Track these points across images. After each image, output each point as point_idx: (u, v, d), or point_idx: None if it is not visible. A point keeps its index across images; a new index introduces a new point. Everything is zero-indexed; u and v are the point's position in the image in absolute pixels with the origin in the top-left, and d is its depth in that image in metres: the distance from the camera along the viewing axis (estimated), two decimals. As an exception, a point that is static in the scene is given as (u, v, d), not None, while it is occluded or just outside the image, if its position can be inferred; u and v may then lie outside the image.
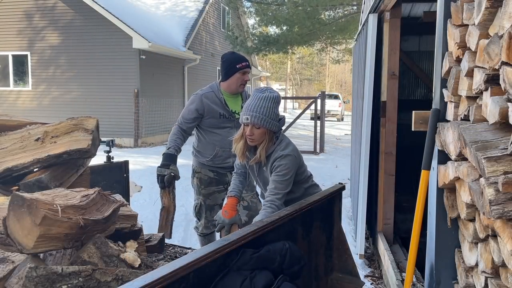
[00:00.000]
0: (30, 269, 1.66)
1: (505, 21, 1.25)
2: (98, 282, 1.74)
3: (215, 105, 3.23)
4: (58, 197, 2.05)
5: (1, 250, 2.04)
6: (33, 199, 1.85)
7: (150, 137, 13.68)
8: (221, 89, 3.28)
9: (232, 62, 3.22)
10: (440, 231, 1.91)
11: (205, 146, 3.32)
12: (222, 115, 3.24)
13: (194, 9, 17.68)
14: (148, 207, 6.00)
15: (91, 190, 2.21)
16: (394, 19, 3.96)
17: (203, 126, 3.29)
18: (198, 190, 3.42)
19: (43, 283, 1.66)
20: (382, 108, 4.06)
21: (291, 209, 2.09)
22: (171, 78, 15.14)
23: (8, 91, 14.18)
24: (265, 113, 2.43)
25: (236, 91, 3.29)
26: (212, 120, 3.25)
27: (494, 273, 1.47)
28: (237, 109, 3.30)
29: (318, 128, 12.00)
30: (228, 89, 3.27)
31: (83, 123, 3.03)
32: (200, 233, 3.52)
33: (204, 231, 3.50)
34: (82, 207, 2.01)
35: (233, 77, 3.22)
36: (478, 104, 1.55)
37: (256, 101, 2.44)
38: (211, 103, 3.23)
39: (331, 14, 14.12)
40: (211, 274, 1.52)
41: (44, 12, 13.61)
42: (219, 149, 3.28)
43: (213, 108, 3.22)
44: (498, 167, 1.27)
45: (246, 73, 3.24)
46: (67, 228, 1.90)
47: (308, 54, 41.15)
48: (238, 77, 3.22)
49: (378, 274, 3.86)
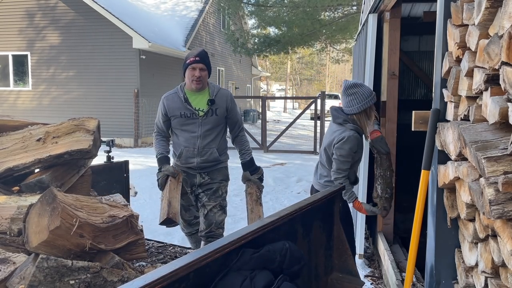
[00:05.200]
0: (42, 259, 1.67)
1: (505, 21, 1.26)
2: (105, 281, 1.75)
3: (175, 106, 3.20)
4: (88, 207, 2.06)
5: (2, 251, 2.04)
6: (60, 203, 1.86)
7: (150, 137, 13.67)
8: (184, 88, 3.25)
9: (186, 59, 3.19)
10: (440, 231, 1.91)
11: (175, 146, 3.32)
12: (183, 115, 3.18)
13: (194, 9, 17.70)
14: (148, 207, 6.01)
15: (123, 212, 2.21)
16: (394, 19, 3.96)
17: (172, 127, 3.29)
18: None
19: (52, 275, 1.67)
20: (382, 108, 4.06)
21: (291, 209, 2.09)
22: (171, 78, 15.14)
23: (8, 91, 14.19)
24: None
25: (191, 89, 3.21)
26: (175, 120, 3.22)
27: (494, 273, 1.47)
28: (201, 106, 3.20)
29: (318, 128, 12.01)
30: (188, 86, 3.23)
31: (84, 123, 3.03)
32: (185, 232, 3.57)
33: (186, 230, 3.55)
34: (100, 228, 2.01)
35: (186, 74, 3.18)
36: (478, 104, 1.55)
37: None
38: (171, 104, 3.21)
39: (331, 15, 14.11)
40: (211, 274, 1.52)
41: (44, 12, 13.61)
42: (183, 148, 3.23)
43: (173, 109, 3.20)
44: (498, 167, 1.27)
45: (196, 68, 3.12)
46: (73, 244, 1.91)
47: (308, 54, 41.11)
48: (189, 72, 3.16)
49: (378, 274, 3.86)
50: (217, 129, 3.24)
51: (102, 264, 1.95)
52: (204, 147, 3.20)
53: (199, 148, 3.19)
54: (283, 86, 47.60)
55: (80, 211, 1.99)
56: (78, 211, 1.98)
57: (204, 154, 3.21)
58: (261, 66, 30.98)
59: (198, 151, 3.19)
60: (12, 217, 2.23)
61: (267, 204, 6.28)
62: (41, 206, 1.89)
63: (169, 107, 3.22)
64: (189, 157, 3.22)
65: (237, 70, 23.11)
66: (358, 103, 2.85)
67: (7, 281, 1.82)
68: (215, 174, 3.29)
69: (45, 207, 1.87)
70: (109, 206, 2.27)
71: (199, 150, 3.19)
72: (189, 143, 3.19)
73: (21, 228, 2.14)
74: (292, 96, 44.88)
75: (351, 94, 2.87)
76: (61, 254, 1.93)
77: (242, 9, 15.24)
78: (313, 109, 12.48)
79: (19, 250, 2.13)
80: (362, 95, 2.85)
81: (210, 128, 3.20)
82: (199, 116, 3.17)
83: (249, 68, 25.42)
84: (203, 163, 3.23)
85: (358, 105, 2.86)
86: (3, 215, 2.24)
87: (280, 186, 7.50)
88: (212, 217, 3.25)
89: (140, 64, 13.13)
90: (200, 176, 3.27)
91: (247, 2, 14.27)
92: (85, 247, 1.94)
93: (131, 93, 13.09)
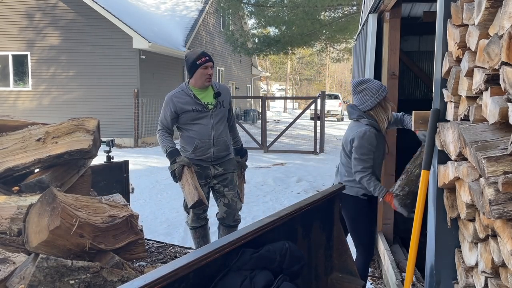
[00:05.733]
0: (42, 259, 1.67)
1: (505, 21, 1.26)
2: (105, 280, 1.75)
3: (185, 103, 3.37)
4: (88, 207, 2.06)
5: (2, 251, 2.04)
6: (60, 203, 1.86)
7: (150, 137, 13.68)
8: (190, 86, 3.43)
9: (194, 60, 3.36)
10: (440, 231, 1.91)
11: (186, 141, 3.45)
12: (195, 110, 3.37)
13: (194, 9, 17.69)
14: (148, 207, 6.01)
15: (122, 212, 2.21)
16: (394, 19, 3.96)
17: (180, 123, 3.44)
18: None
19: (52, 275, 1.67)
20: (382, 108, 4.06)
21: (291, 209, 2.09)
22: (171, 78, 15.14)
23: (8, 91, 14.18)
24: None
25: (202, 86, 3.42)
26: (186, 116, 3.38)
27: (494, 273, 1.47)
28: (209, 100, 3.43)
29: (318, 128, 12.01)
30: (196, 85, 3.42)
31: (84, 123, 3.03)
32: (192, 226, 3.60)
33: (193, 225, 3.58)
34: (100, 228, 2.02)
35: (196, 73, 3.37)
36: (478, 104, 1.55)
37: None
38: (181, 101, 3.37)
39: (331, 15, 14.11)
40: (211, 274, 1.52)
41: (44, 12, 13.61)
42: (199, 141, 3.38)
43: (183, 106, 3.36)
44: (498, 167, 1.27)
45: (208, 67, 3.36)
46: (73, 244, 1.91)
47: (308, 54, 41.15)
48: (201, 72, 3.36)
49: (378, 274, 3.86)
50: (224, 120, 3.51)
51: (102, 264, 1.95)
52: (217, 138, 3.43)
53: (213, 139, 3.41)
54: (283, 86, 47.60)
55: (80, 211, 1.99)
56: (78, 211, 1.97)
57: (218, 144, 3.43)
58: (261, 66, 30.98)
59: (213, 142, 3.41)
60: (12, 217, 2.23)
61: (267, 204, 6.29)
62: (41, 206, 1.89)
63: (179, 104, 3.37)
64: (206, 149, 3.40)
65: (237, 70, 23.12)
66: (370, 98, 2.84)
67: (7, 281, 1.82)
68: (227, 164, 3.53)
69: (45, 207, 1.87)
70: (109, 206, 2.27)
71: (214, 141, 3.41)
72: (204, 136, 3.38)
73: (21, 228, 2.14)
74: (292, 96, 44.89)
75: (361, 91, 2.86)
76: (61, 254, 1.93)
77: (242, 9, 15.23)
78: (313, 109, 12.47)
79: (19, 250, 2.13)
80: (372, 89, 2.84)
81: (219, 120, 3.45)
82: (209, 110, 3.39)
83: (249, 68, 25.43)
84: (218, 153, 3.45)
85: (370, 100, 2.84)
86: (3, 215, 2.24)
87: (280, 186, 7.50)
88: (234, 206, 3.50)
89: (140, 64, 13.13)
90: (213, 167, 3.47)
91: (247, 2, 14.27)
92: (85, 247, 1.94)
93: (131, 93, 13.09)
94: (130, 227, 2.24)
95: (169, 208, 5.97)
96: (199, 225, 3.58)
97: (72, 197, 2.09)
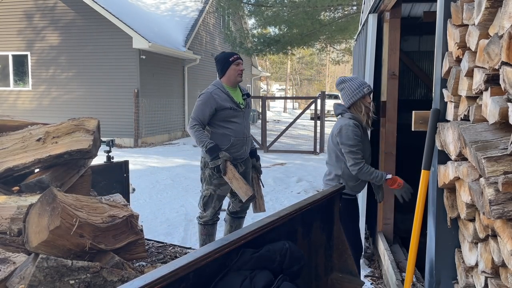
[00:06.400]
0: (42, 259, 1.67)
1: (505, 21, 1.26)
2: (105, 280, 1.75)
3: (224, 100, 3.52)
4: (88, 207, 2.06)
5: (2, 251, 2.04)
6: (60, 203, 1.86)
7: (150, 137, 13.68)
8: (223, 84, 3.59)
9: (225, 58, 3.61)
10: (440, 231, 1.91)
11: (219, 138, 3.53)
12: (231, 108, 3.53)
13: (194, 9, 17.68)
14: (148, 207, 6.00)
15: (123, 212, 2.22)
16: (394, 19, 3.96)
17: (215, 120, 3.55)
18: (210, 181, 3.57)
19: (52, 275, 1.67)
20: (382, 108, 4.06)
21: (291, 209, 2.09)
22: (171, 78, 15.14)
23: (8, 91, 14.18)
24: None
25: (235, 81, 3.62)
26: (223, 113, 3.51)
27: (494, 273, 1.47)
28: (240, 100, 3.63)
29: (318, 128, 12.01)
30: (229, 82, 3.60)
31: (84, 123, 3.03)
32: (204, 222, 3.65)
33: (206, 220, 3.65)
34: (100, 228, 2.02)
35: (229, 70, 3.58)
36: (478, 104, 1.55)
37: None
38: (220, 98, 3.52)
39: (331, 15, 14.10)
40: (211, 274, 1.52)
41: (44, 12, 13.61)
42: (235, 139, 3.53)
43: (222, 103, 3.51)
44: (498, 167, 1.27)
45: (240, 63, 3.61)
46: (73, 244, 1.91)
47: (308, 54, 41.11)
48: (234, 68, 3.58)
49: (378, 274, 3.86)
50: (249, 120, 3.75)
51: (102, 264, 1.95)
52: (249, 137, 3.68)
53: (247, 138, 3.63)
54: (283, 86, 47.59)
55: (80, 211, 1.99)
56: (78, 211, 1.97)
57: (249, 143, 3.69)
58: (261, 66, 30.98)
59: (246, 140, 3.61)
60: (12, 217, 2.23)
61: (267, 204, 6.26)
62: (41, 206, 1.89)
63: (219, 100, 3.51)
64: (240, 146, 3.57)
65: (237, 70, 23.05)
66: (347, 97, 3.06)
67: (7, 281, 1.82)
68: (247, 163, 3.74)
69: (45, 207, 1.87)
70: (109, 206, 2.27)
71: (247, 140, 3.61)
72: (239, 134, 3.56)
73: (21, 228, 2.14)
74: (292, 96, 44.86)
75: (341, 90, 3.12)
76: (61, 254, 1.93)
77: (242, 9, 15.22)
78: (313, 109, 12.47)
79: (19, 250, 2.13)
80: (349, 89, 3.05)
81: (247, 119, 3.69)
82: (242, 109, 3.61)
83: (249, 68, 25.41)
84: (247, 152, 3.68)
85: (347, 99, 3.06)
86: (3, 215, 2.24)
87: (280, 186, 7.50)
88: (248, 203, 3.66)
89: (140, 64, 13.12)
90: (239, 165, 3.63)
91: (247, 2, 14.25)
92: (85, 247, 1.94)
93: (131, 93, 13.08)
94: (130, 227, 2.24)
95: (169, 208, 5.97)
96: (212, 222, 3.67)
97: (72, 197, 2.09)
